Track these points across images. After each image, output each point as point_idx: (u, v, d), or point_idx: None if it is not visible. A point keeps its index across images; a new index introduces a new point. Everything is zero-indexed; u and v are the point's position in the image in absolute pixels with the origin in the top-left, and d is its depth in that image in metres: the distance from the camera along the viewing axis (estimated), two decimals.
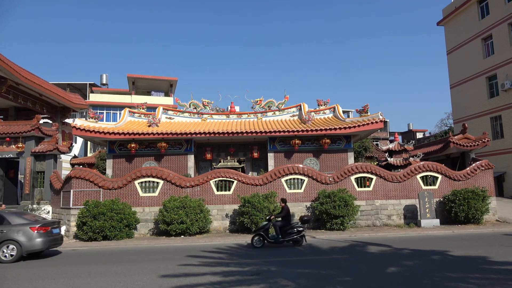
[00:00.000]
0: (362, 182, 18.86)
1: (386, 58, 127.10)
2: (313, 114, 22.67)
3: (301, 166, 18.80)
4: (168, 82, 43.32)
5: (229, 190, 18.24)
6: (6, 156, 20.72)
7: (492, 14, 29.61)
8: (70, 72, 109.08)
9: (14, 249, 11.35)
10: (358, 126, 20.22)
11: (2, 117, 25.91)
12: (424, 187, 19.07)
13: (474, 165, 19.80)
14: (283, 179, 18.48)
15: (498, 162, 26.41)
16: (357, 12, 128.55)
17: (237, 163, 21.60)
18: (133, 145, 20.35)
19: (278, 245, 13.31)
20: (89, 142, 37.37)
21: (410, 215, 18.74)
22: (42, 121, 22.70)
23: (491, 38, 29.68)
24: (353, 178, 18.73)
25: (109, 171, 20.79)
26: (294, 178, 18.61)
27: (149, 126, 21.38)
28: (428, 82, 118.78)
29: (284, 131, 20.31)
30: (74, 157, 30.36)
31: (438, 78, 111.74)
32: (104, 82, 46.79)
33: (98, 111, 37.04)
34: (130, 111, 23.33)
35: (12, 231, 11.49)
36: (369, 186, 18.82)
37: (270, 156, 21.36)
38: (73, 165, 27.59)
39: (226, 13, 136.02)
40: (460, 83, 33.03)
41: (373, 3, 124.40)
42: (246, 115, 23.80)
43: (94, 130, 19.71)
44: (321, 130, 20.25)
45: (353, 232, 16.56)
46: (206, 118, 23.49)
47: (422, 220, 17.92)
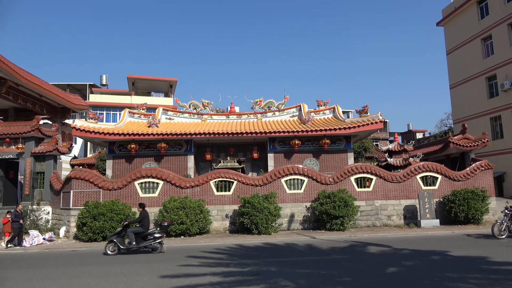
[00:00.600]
0: (362, 182, 18.86)
1: (386, 58, 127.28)
2: (313, 114, 22.68)
3: (301, 166, 18.80)
4: (168, 82, 43.34)
5: (229, 190, 18.24)
6: (6, 157, 20.72)
7: (491, 14, 29.64)
8: (70, 72, 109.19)
9: None
10: (358, 126, 20.23)
11: (2, 117, 25.92)
12: (424, 188, 19.08)
13: (474, 165, 19.80)
14: (283, 180, 18.49)
15: (498, 162, 26.43)
16: (357, 12, 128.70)
17: (237, 164, 21.61)
18: (133, 145, 20.35)
19: (133, 252, 12.78)
20: (89, 143, 37.37)
21: (410, 216, 18.74)
22: (42, 121, 22.69)
23: (491, 39, 29.71)
24: (353, 178, 18.74)
25: (109, 172, 20.79)
26: (294, 179, 18.61)
27: (149, 126, 21.38)
28: (428, 82, 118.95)
29: (284, 132, 20.32)
30: (74, 157, 30.36)
31: (438, 78, 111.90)
32: (104, 82, 46.80)
33: (98, 112, 37.05)
34: (130, 112, 23.33)
35: None
36: (369, 187, 18.82)
37: (270, 156, 21.36)
38: (73, 165, 27.59)
39: (226, 13, 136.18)
40: (460, 84, 33.06)
41: (373, 3, 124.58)
42: (246, 116, 23.82)
43: (94, 131, 19.71)
44: (321, 130, 20.26)
45: (353, 232, 16.56)
46: (206, 119, 23.49)
47: (422, 220, 17.93)
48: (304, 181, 18.57)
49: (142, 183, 17.99)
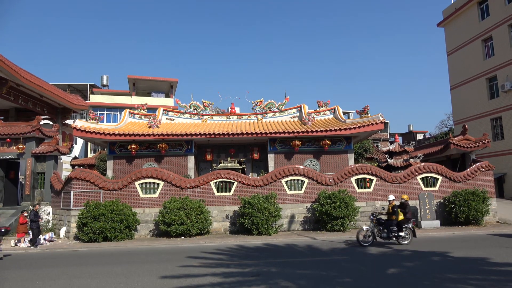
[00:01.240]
0: (362, 183, 18.86)
1: (386, 59, 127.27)
2: (313, 115, 22.69)
3: (301, 167, 18.81)
4: (168, 83, 43.37)
5: (229, 191, 18.25)
6: (7, 157, 20.74)
7: (492, 15, 29.64)
8: (71, 73, 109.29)
9: None
10: (359, 127, 20.23)
11: (2, 118, 25.93)
12: (424, 188, 19.07)
13: (474, 166, 19.80)
14: (283, 180, 18.49)
15: (498, 163, 26.42)
16: (357, 13, 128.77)
17: (237, 164, 21.61)
18: (133, 146, 20.37)
19: None
20: (89, 143, 37.40)
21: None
22: (42, 122, 22.74)
23: (491, 40, 29.71)
24: (353, 179, 18.73)
25: (109, 172, 20.80)
26: (294, 179, 18.61)
27: (149, 127, 21.40)
28: (428, 83, 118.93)
29: (284, 132, 20.32)
30: (75, 158, 30.35)
31: (438, 79, 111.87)
32: (104, 83, 46.83)
33: (99, 112, 37.08)
34: (130, 112, 23.34)
35: None
36: (369, 187, 18.81)
37: (270, 157, 21.37)
38: (73, 166, 27.56)
39: (227, 14, 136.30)
40: (460, 84, 33.05)
41: (374, 4, 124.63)
42: (247, 116, 23.82)
43: (94, 131, 19.73)
44: (321, 131, 20.27)
45: (353, 233, 16.52)
46: (206, 119, 23.51)
47: (423, 221, 17.92)
48: (304, 181, 18.57)
49: (142, 184, 18.00)
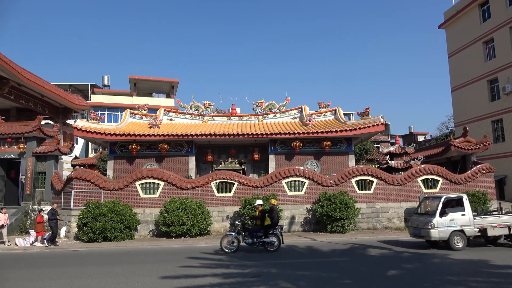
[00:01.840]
0: (363, 184, 18.85)
1: (387, 61, 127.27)
2: (314, 116, 22.68)
3: (302, 168, 18.81)
4: (169, 83, 43.40)
5: (229, 192, 18.25)
6: (8, 156, 20.78)
7: (493, 17, 29.63)
8: (72, 73, 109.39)
9: None
10: (359, 128, 20.23)
11: (4, 117, 25.97)
12: (425, 190, 19.05)
13: (475, 168, 19.78)
14: (284, 181, 18.49)
15: (499, 165, 26.37)
16: (358, 14, 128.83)
17: (238, 165, 21.63)
18: (134, 146, 20.38)
19: None
20: (90, 143, 37.42)
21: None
22: (43, 122, 22.78)
23: (493, 42, 29.69)
24: (354, 180, 18.73)
25: (110, 172, 20.81)
26: (294, 181, 18.60)
27: (150, 127, 21.41)
28: (429, 85, 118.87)
29: (285, 133, 20.32)
30: (75, 158, 30.39)
31: (439, 81, 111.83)
32: (105, 83, 46.88)
33: (100, 112, 37.13)
34: (131, 113, 23.36)
35: None
36: (370, 189, 18.81)
37: (271, 158, 21.37)
38: (74, 166, 27.61)
39: (227, 14, 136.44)
40: (461, 86, 33.03)
41: (374, 5, 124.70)
42: (247, 117, 23.84)
43: (95, 131, 19.75)
44: (322, 132, 20.27)
45: (353, 234, 16.55)
46: (207, 120, 23.52)
47: None
48: (305, 183, 18.57)
49: (143, 184, 18.01)
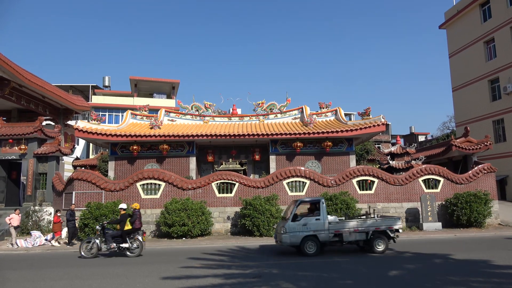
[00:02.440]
0: (364, 185, 18.84)
1: (388, 61, 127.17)
2: (315, 116, 22.68)
3: (302, 168, 18.80)
4: (170, 84, 43.42)
5: (230, 192, 18.25)
6: (9, 157, 20.80)
7: (494, 17, 29.60)
8: (73, 74, 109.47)
9: None
10: (360, 129, 20.22)
11: (5, 118, 25.97)
12: (426, 190, 19.03)
13: (476, 168, 19.75)
14: (285, 182, 18.48)
15: (500, 165, 26.32)
16: (359, 14, 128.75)
17: (238, 166, 21.62)
18: (135, 147, 20.39)
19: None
20: (91, 144, 37.44)
21: (412, 218, 18.70)
22: (44, 123, 22.76)
23: (493, 42, 29.66)
24: (355, 181, 18.71)
25: (111, 173, 20.83)
26: (295, 181, 18.60)
27: (151, 128, 21.43)
28: (430, 85, 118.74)
29: (286, 134, 20.32)
30: (76, 159, 30.42)
31: (440, 81, 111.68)
32: (106, 84, 46.90)
33: (101, 113, 37.16)
34: (132, 113, 23.39)
35: None
36: (371, 189, 18.79)
37: (272, 158, 21.36)
38: (75, 167, 27.64)
39: (228, 15, 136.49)
40: (462, 86, 32.99)
41: (375, 5, 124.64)
42: (248, 118, 23.84)
43: (96, 132, 19.77)
44: (323, 132, 20.26)
45: None
46: (208, 121, 23.53)
47: (424, 223, 17.88)
48: (306, 183, 18.56)
49: (144, 185, 18.02)
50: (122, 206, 13.26)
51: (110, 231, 12.65)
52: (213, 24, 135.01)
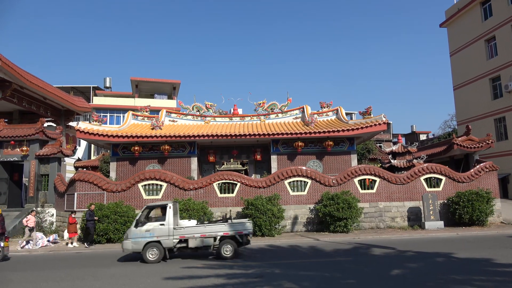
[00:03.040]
0: (365, 184, 18.81)
1: (389, 60, 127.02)
2: (316, 116, 22.67)
3: (304, 168, 18.79)
4: (171, 85, 43.45)
5: (232, 192, 18.25)
6: (11, 159, 20.85)
7: (495, 15, 29.53)
8: (74, 75, 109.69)
9: None
10: (361, 128, 20.20)
11: (6, 120, 26.05)
12: (428, 189, 19.00)
13: (478, 166, 19.71)
14: (286, 182, 18.47)
15: (502, 163, 26.25)
16: (359, 13, 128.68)
17: (240, 166, 21.62)
18: (136, 148, 20.42)
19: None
20: (92, 145, 37.50)
21: (414, 217, 18.66)
22: (46, 124, 22.83)
23: (494, 40, 29.60)
24: (356, 180, 18.70)
25: (112, 174, 20.86)
26: (297, 181, 18.59)
27: (152, 129, 21.45)
28: (431, 83, 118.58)
29: (287, 133, 20.31)
30: (78, 160, 30.46)
31: (441, 79, 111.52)
32: (107, 85, 46.94)
33: (102, 114, 37.16)
34: (133, 114, 23.42)
35: None
36: (372, 188, 18.77)
37: (273, 158, 21.36)
38: (77, 168, 27.67)
39: (228, 15, 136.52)
40: (463, 85, 32.93)
41: (376, 5, 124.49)
42: (249, 118, 23.84)
43: (97, 133, 19.80)
44: (324, 132, 20.25)
45: (356, 234, 16.52)
46: (209, 121, 23.54)
47: (426, 222, 17.85)
48: (307, 183, 18.55)
49: (145, 185, 18.04)
50: None
51: None
52: (213, 24, 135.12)
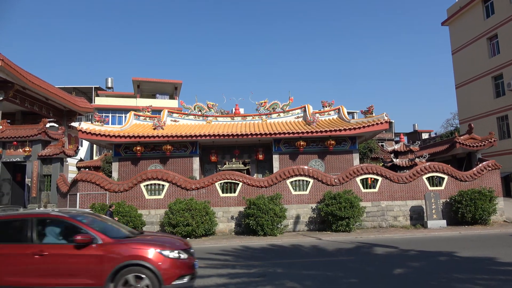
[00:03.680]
0: (367, 183, 18.79)
1: (390, 59, 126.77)
2: (317, 115, 22.65)
3: (306, 167, 18.78)
4: (172, 85, 43.53)
5: (234, 192, 18.27)
6: (14, 159, 20.93)
7: (497, 13, 29.43)
8: (76, 76, 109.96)
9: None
10: (363, 127, 20.17)
11: (9, 121, 26.16)
12: (430, 188, 18.96)
13: (480, 165, 19.65)
14: (288, 181, 18.47)
15: (505, 162, 26.18)
16: (360, 12, 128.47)
17: (242, 165, 21.63)
18: (138, 148, 20.46)
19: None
20: (95, 145, 37.62)
21: (417, 216, 18.63)
22: (48, 125, 22.93)
23: (497, 38, 29.50)
24: (358, 179, 18.68)
25: (115, 174, 20.91)
26: (299, 180, 18.58)
27: (154, 129, 21.49)
28: (433, 82, 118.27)
29: (289, 133, 20.31)
30: (80, 160, 30.55)
31: (443, 78, 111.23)
32: (109, 85, 47.04)
33: (104, 115, 37.18)
34: (135, 114, 23.47)
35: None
36: (374, 187, 18.75)
37: (275, 158, 21.36)
38: (79, 168, 27.74)
39: (230, 15, 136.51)
40: (465, 83, 32.84)
41: (377, 3, 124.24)
42: (251, 117, 23.85)
43: (100, 134, 19.85)
44: (326, 131, 20.23)
45: (359, 233, 16.50)
46: (211, 121, 23.56)
47: (429, 221, 17.81)
48: (309, 182, 18.54)
49: (147, 185, 18.07)
50: None
51: None
52: (214, 24, 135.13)
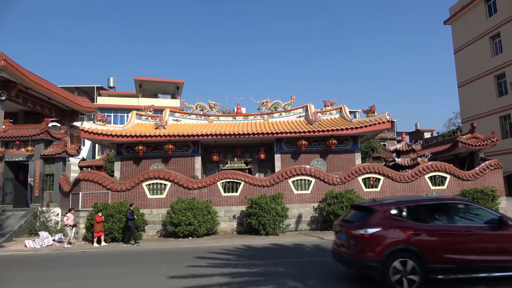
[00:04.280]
0: (369, 182, 18.76)
1: (392, 58, 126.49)
2: (319, 114, 22.63)
3: (308, 167, 18.77)
4: (174, 84, 43.56)
5: (236, 191, 18.27)
6: (16, 159, 20.98)
7: (499, 12, 29.34)
8: (78, 75, 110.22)
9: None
10: (365, 126, 20.14)
11: (11, 121, 26.19)
12: (432, 187, 18.92)
13: (483, 164, 19.60)
14: (290, 180, 18.46)
15: (507, 161, 26.13)
16: (362, 11, 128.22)
17: (244, 165, 21.62)
18: (140, 147, 20.48)
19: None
20: (97, 145, 37.68)
21: None
22: (50, 124, 22.95)
23: (499, 36, 29.41)
24: (360, 178, 18.65)
25: (117, 174, 20.94)
26: (301, 179, 18.57)
27: (156, 128, 21.51)
28: (435, 81, 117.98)
29: (290, 132, 20.29)
30: (83, 159, 30.62)
31: (446, 77, 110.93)
32: (111, 85, 47.15)
33: (106, 114, 37.35)
34: (137, 114, 23.49)
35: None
36: (376, 187, 18.72)
37: (277, 157, 21.35)
38: (81, 167, 27.80)
39: (231, 14, 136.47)
40: (468, 82, 32.76)
41: (378, 3, 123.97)
42: (253, 117, 23.84)
43: (102, 133, 19.88)
44: (327, 130, 20.20)
45: None
46: (212, 120, 23.56)
47: None
48: (311, 181, 18.53)
49: (150, 185, 18.10)
50: None
51: None
52: (216, 24, 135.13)
